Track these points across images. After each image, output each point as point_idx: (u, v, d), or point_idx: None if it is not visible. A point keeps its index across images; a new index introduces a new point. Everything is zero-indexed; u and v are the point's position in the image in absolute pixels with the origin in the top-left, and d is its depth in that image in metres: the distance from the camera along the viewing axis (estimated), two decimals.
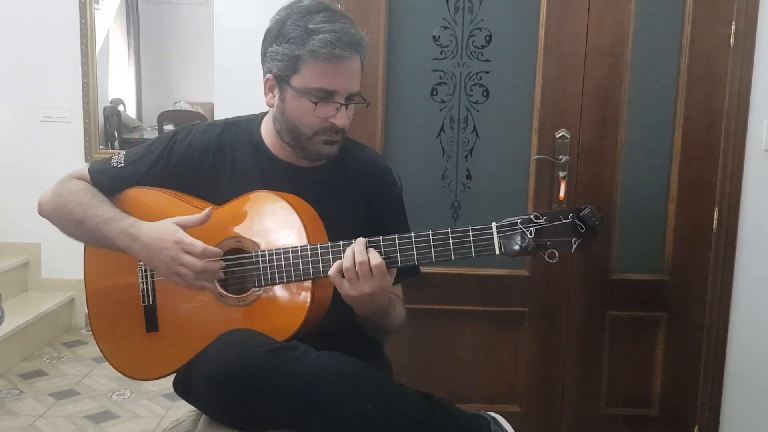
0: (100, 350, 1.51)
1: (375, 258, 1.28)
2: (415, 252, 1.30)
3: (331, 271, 1.29)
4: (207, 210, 1.37)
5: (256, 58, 1.44)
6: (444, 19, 2.17)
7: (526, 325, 2.29)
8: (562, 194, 2.16)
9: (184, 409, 1.57)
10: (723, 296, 2.25)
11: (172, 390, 1.54)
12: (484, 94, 2.20)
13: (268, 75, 1.41)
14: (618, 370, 2.31)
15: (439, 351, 2.30)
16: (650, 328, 2.29)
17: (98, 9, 4.16)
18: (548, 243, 1.25)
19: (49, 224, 1.52)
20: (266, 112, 1.51)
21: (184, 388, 1.45)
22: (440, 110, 2.21)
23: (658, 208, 2.24)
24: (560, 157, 2.18)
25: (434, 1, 2.16)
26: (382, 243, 1.30)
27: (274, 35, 1.38)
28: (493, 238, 1.27)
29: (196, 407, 1.45)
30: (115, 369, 1.50)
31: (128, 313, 1.45)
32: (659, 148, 2.22)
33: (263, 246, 1.37)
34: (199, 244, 1.33)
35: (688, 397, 2.32)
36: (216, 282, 1.38)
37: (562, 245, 1.25)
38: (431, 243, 1.29)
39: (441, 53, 2.18)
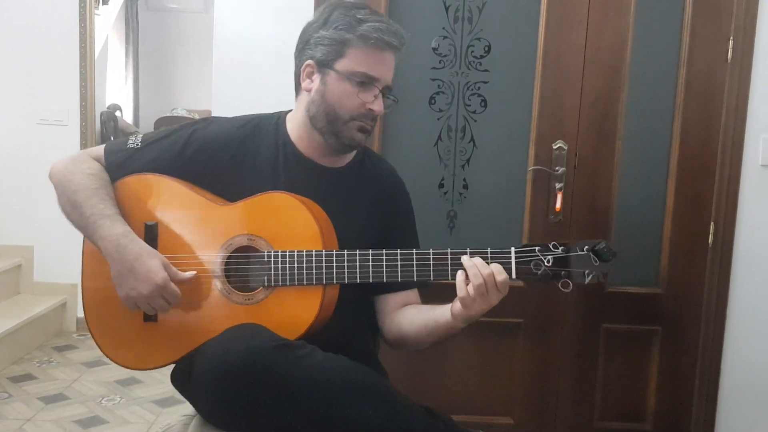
0: (94, 339, 1.47)
1: (500, 273, 1.30)
2: (431, 269, 1.35)
3: (461, 292, 1.31)
4: (192, 272, 1.38)
5: (254, 65, 1.44)
6: (443, 28, 2.17)
7: (521, 337, 2.28)
8: (558, 205, 2.16)
9: (174, 416, 1.55)
10: (718, 310, 2.25)
11: (162, 396, 1.52)
12: (482, 104, 2.20)
13: (309, 61, 1.45)
14: (612, 384, 2.30)
15: (432, 361, 2.28)
16: (645, 341, 2.29)
17: (98, 14, 4.17)
18: (563, 272, 1.31)
19: (43, 227, 1.52)
20: (288, 111, 1.53)
21: (182, 381, 1.43)
22: (438, 119, 2.21)
23: (654, 222, 2.24)
24: (557, 168, 2.18)
25: (434, 11, 2.17)
26: (399, 257, 1.34)
27: (321, 23, 1.44)
28: (510, 262, 1.32)
29: (193, 402, 1.42)
30: (109, 358, 1.47)
31: None
32: (656, 161, 2.22)
33: (276, 247, 1.37)
34: (179, 295, 1.35)
35: (683, 411, 2.31)
36: (224, 278, 1.39)
37: (576, 276, 1.31)
38: (449, 261, 1.34)
39: (440, 62, 2.19)
